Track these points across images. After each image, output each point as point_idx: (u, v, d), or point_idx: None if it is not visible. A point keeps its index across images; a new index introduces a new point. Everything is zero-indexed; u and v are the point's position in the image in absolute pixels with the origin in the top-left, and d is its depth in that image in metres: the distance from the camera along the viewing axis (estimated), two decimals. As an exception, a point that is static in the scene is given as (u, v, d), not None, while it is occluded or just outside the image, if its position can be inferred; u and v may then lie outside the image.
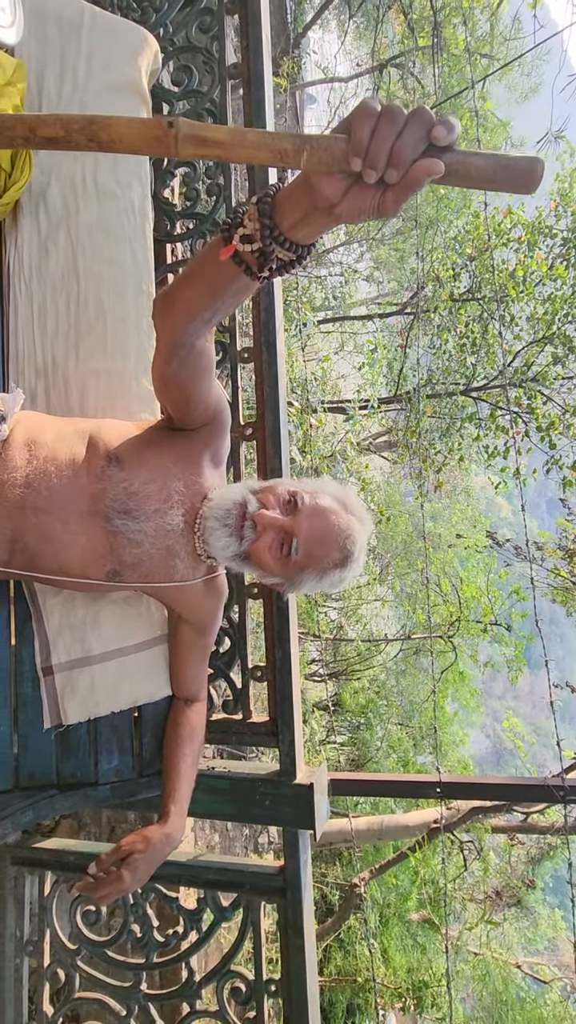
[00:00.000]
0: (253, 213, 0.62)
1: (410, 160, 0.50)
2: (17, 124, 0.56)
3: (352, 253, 8.25)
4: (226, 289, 0.71)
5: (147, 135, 0.55)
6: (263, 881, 1.36)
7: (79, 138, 0.55)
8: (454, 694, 7.86)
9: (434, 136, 0.49)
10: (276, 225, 0.61)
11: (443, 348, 5.76)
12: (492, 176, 0.50)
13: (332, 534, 0.92)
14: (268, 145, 0.53)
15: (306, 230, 0.61)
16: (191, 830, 2.79)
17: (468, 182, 0.52)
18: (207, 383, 0.93)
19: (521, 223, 5.15)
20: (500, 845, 5.99)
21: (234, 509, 0.95)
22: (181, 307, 0.77)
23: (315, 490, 0.97)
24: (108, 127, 0.55)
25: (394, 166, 0.50)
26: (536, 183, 0.50)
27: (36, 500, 0.93)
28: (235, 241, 0.63)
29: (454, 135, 0.49)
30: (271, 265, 0.64)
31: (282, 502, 0.95)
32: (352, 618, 7.21)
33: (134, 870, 0.95)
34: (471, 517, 8.82)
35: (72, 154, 1.21)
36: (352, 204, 0.55)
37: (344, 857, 6.43)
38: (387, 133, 0.49)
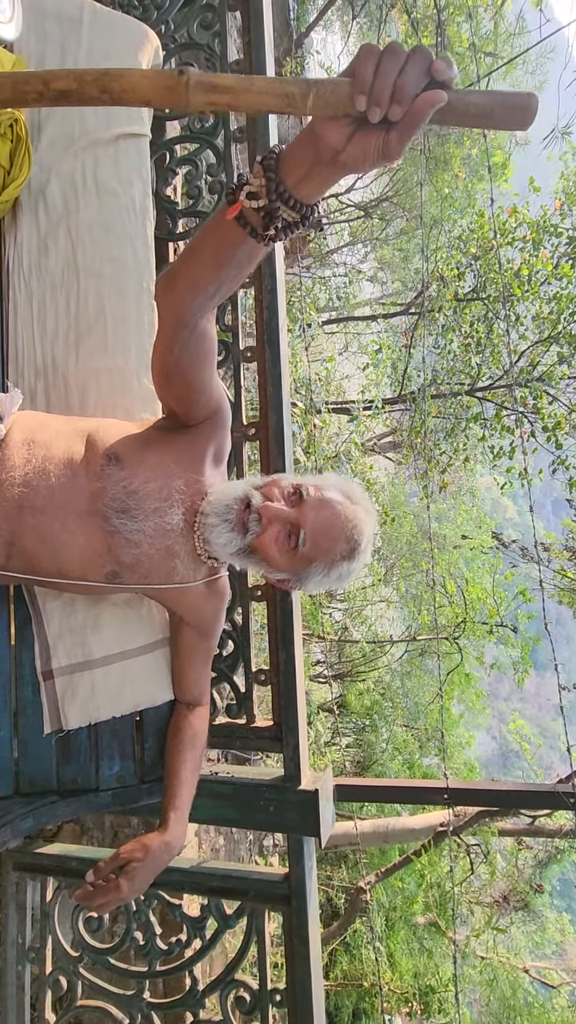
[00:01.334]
0: (259, 170, 0.62)
1: (413, 94, 0.51)
2: (31, 79, 0.56)
3: (356, 253, 8.23)
4: (231, 257, 0.70)
5: (158, 84, 0.55)
6: (267, 888, 1.34)
7: (91, 90, 0.55)
8: (460, 696, 7.82)
9: (435, 69, 0.50)
10: (282, 180, 0.61)
11: (448, 348, 5.73)
12: (490, 112, 0.52)
13: (339, 524, 0.91)
14: (275, 90, 0.53)
15: (311, 184, 0.61)
16: (195, 834, 2.77)
17: (466, 119, 0.53)
18: (209, 371, 0.91)
19: (526, 222, 5.12)
20: (507, 848, 5.95)
21: (234, 504, 0.93)
22: (185, 281, 0.76)
23: (319, 483, 0.96)
24: (120, 77, 0.55)
25: (398, 101, 0.51)
26: (531, 118, 0.52)
27: (34, 500, 0.91)
28: (241, 197, 0.63)
29: (453, 71, 0.51)
30: (276, 224, 0.63)
31: (286, 495, 0.94)
32: (357, 619, 7.18)
33: (132, 878, 0.93)
34: (476, 518, 8.77)
35: (72, 151, 1.19)
36: (357, 149, 0.55)
37: (349, 860, 6.40)
38: (390, 69, 0.50)
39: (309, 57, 7.21)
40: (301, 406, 3.53)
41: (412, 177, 6.16)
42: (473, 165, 5.96)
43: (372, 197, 6.88)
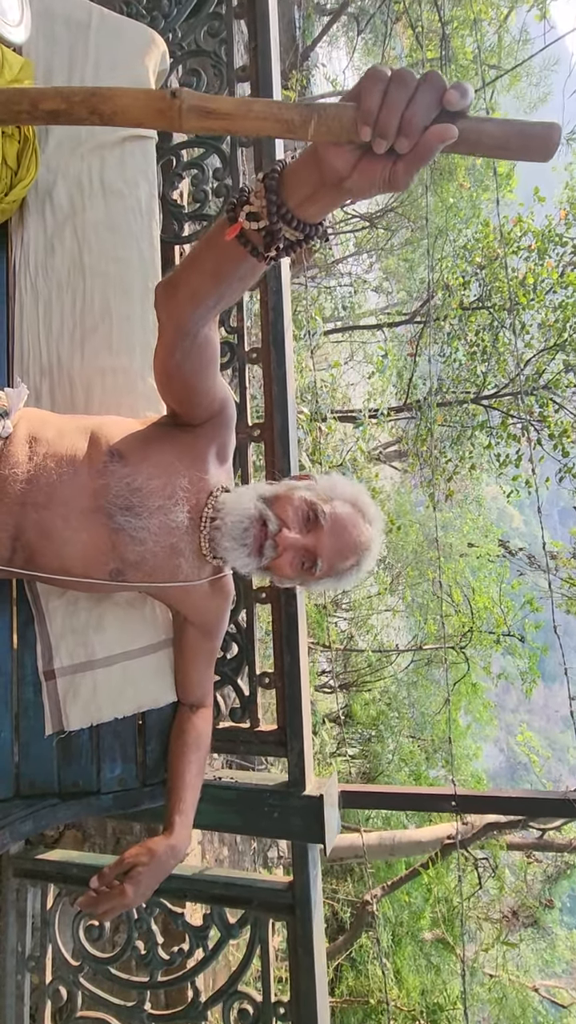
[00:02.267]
0: (259, 190, 0.59)
1: (422, 127, 0.47)
2: (21, 97, 0.55)
3: (361, 263, 8.29)
4: (232, 272, 0.69)
5: (150, 107, 0.53)
6: (271, 897, 1.31)
7: (81, 111, 0.54)
8: (467, 706, 7.73)
9: (447, 100, 0.46)
10: (283, 202, 0.59)
11: (453, 356, 5.73)
12: (506, 144, 0.48)
13: (352, 546, 0.93)
14: (274, 115, 0.51)
15: (314, 207, 0.59)
16: (198, 843, 2.74)
17: (481, 150, 0.49)
18: (211, 375, 0.91)
19: (531, 231, 5.13)
20: (516, 863, 5.84)
21: (252, 527, 0.92)
22: (185, 293, 0.75)
23: (330, 494, 0.94)
24: (110, 99, 0.53)
25: (405, 134, 0.47)
26: (552, 150, 0.48)
27: (37, 496, 0.90)
28: (241, 219, 0.61)
29: (467, 100, 0.47)
30: (278, 245, 0.61)
31: (301, 517, 0.92)
32: (363, 628, 7.13)
33: (137, 884, 0.91)
34: (482, 527, 8.73)
35: (79, 153, 1.20)
36: (362, 177, 0.52)
37: (355, 873, 6.31)
38: (398, 100, 0.47)
39: (315, 70, 7.31)
40: (307, 412, 3.53)
41: (417, 188, 6.21)
42: (478, 175, 6.00)
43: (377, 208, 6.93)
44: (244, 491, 0.97)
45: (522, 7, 5.01)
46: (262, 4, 1.51)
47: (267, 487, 0.98)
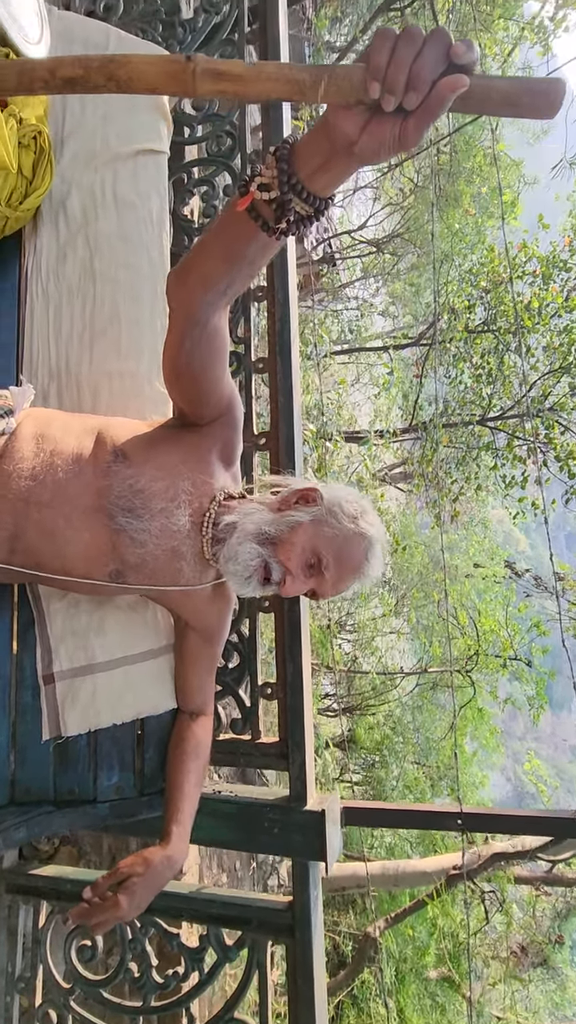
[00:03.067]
0: (271, 161, 0.60)
1: (430, 80, 0.48)
2: (37, 67, 0.55)
3: (368, 288, 8.42)
4: (242, 252, 0.69)
5: (165, 71, 0.53)
6: (270, 917, 1.26)
7: (98, 77, 0.54)
8: (473, 733, 7.57)
9: (453, 53, 0.47)
10: (294, 172, 0.59)
11: (459, 379, 5.77)
12: (515, 99, 0.49)
13: (354, 578, 0.95)
14: (285, 76, 0.51)
15: (325, 176, 0.59)
16: (196, 866, 2.66)
17: (489, 106, 0.50)
18: (220, 369, 0.91)
19: (536, 256, 5.21)
20: (524, 897, 5.65)
21: (255, 574, 0.92)
22: (196, 277, 0.75)
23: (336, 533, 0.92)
24: (126, 64, 0.54)
25: (414, 88, 0.48)
26: (557, 105, 0.49)
27: (40, 494, 0.90)
28: (252, 188, 0.62)
29: (474, 53, 0.47)
30: (288, 217, 0.62)
31: (305, 564, 0.92)
32: (367, 650, 7.05)
33: (132, 895, 0.88)
34: (488, 549, 8.67)
35: (93, 166, 1.23)
36: (372, 139, 0.53)
37: (358, 905, 6.12)
38: (406, 55, 0.47)
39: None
40: (313, 428, 3.55)
41: (423, 215, 6.34)
42: (483, 203, 6.12)
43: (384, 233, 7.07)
44: (247, 529, 0.93)
45: (525, 43, 5.18)
46: (273, 30, 1.56)
47: (271, 523, 0.94)
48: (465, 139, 5.65)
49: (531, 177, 6.18)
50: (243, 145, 1.54)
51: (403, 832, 6.60)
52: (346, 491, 1.00)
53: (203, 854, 3.47)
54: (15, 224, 1.16)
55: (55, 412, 1.04)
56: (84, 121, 1.22)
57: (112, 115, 1.23)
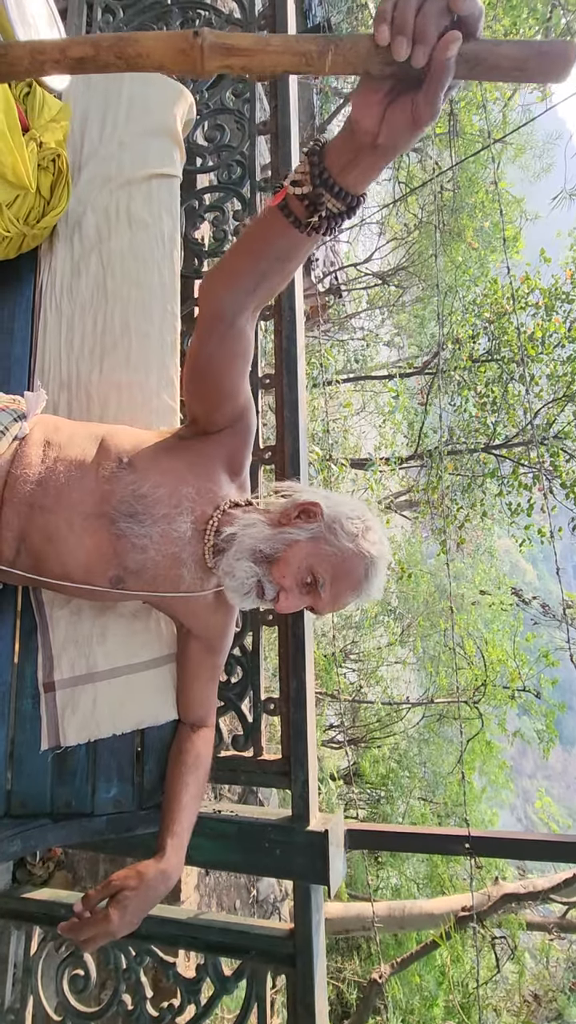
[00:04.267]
0: (303, 160, 0.64)
1: (434, 32, 0.48)
2: (47, 48, 0.56)
3: (374, 319, 8.59)
4: (272, 248, 0.72)
5: (173, 48, 0.54)
6: (271, 946, 1.21)
7: (107, 55, 0.55)
8: (482, 767, 7.36)
9: (453, 4, 0.48)
10: (325, 168, 0.62)
11: (463, 407, 5.83)
12: (523, 63, 0.49)
13: (354, 593, 0.93)
14: (293, 48, 0.53)
15: (355, 172, 0.62)
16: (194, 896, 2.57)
17: (498, 72, 0.50)
18: (239, 374, 0.92)
19: (538, 288, 5.32)
20: (536, 945, 5.39)
21: (252, 592, 0.93)
22: (226, 273, 0.79)
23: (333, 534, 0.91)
24: (135, 42, 0.55)
25: (420, 40, 0.49)
26: (569, 67, 0.48)
27: (44, 498, 0.91)
28: (286, 184, 0.65)
29: (476, 4, 0.48)
30: (320, 213, 0.64)
31: (301, 581, 0.91)
32: (372, 679, 6.93)
33: (123, 909, 0.85)
34: (495, 578, 8.59)
35: (108, 188, 1.28)
36: (391, 127, 0.56)
37: (363, 950, 5.87)
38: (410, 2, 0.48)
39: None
40: (319, 451, 3.58)
41: (427, 248, 6.51)
42: (486, 236, 6.29)
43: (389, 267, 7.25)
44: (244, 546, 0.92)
45: (524, 91, 5.40)
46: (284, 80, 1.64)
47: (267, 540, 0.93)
48: (468, 176, 5.84)
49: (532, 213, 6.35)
50: (252, 173, 1.60)
51: (409, 872, 6.36)
52: (350, 505, 0.97)
53: (202, 892, 3.35)
54: (32, 242, 1.21)
55: (63, 420, 1.05)
56: (101, 146, 1.27)
57: (128, 142, 1.29)
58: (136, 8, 1.73)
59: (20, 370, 1.21)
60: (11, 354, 1.20)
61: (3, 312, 1.22)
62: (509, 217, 6.05)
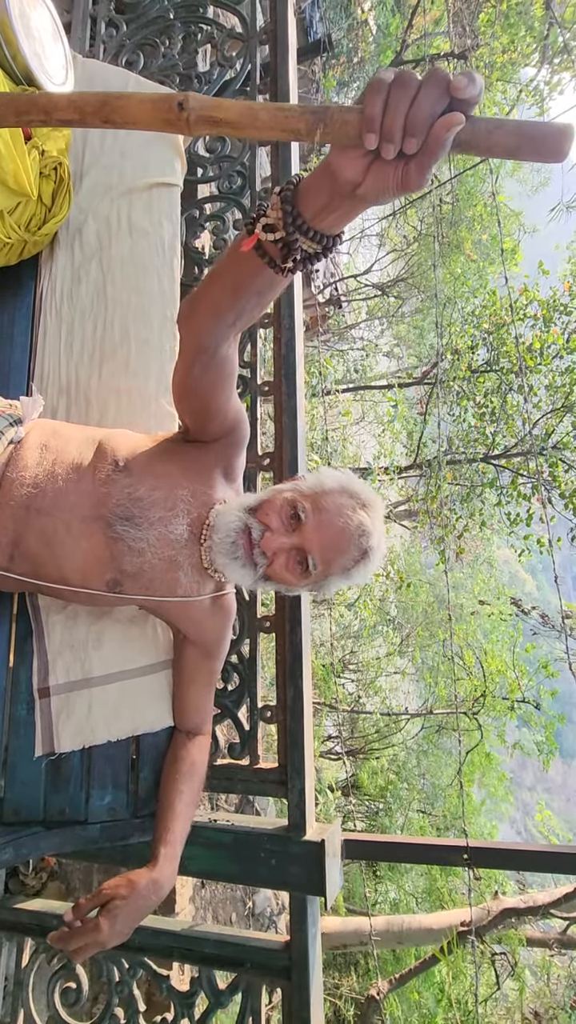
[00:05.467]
0: (275, 202, 0.60)
1: (428, 124, 0.46)
2: (32, 108, 0.56)
3: (373, 329, 8.65)
4: (250, 285, 0.70)
5: (159, 117, 0.53)
6: (266, 959, 1.19)
7: (94, 121, 0.55)
8: (481, 780, 7.30)
9: (454, 88, 0.45)
10: (299, 213, 0.59)
11: (462, 417, 5.86)
12: (519, 147, 0.47)
13: (346, 537, 0.88)
14: (280, 124, 0.51)
15: (330, 217, 0.59)
16: (190, 908, 2.53)
17: (494, 152, 0.49)
18: (227, 393, 0.92)
19: (536, 300, 5.36)
20: (536, 962, 5.32)
21: (239, 539, 0.91)
22: (205, 308, 0.76)
23: (314, 490, 0.91)
24: (121, 109, 0.54)
25: (411, 134, 0.47)
26: (565, 152, 0.47)
27: (41, 502, 0.91)
28: (257, 230, 0.62)
29: (476, 87, 0.45)
30: (295, 256, 0.62)
31: (285, 517, 0.90)
32: (370, 689, 6.89)
33: (113, 919, 0.83)
34: (494, 588, 8.57)
35: (109, 197, 1.30)
36: (375, 182, 0.52)
37: (361, 966, 5.78)
38: (400, 103, 0.46)
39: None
40: (317, 459, 3.58)
41: (427, 260, 6.57)
42: (484, 249, 6.35)
43: (389, 278, 7.31)
44: (231, 503, 0.96)
45: (523, 105, 5.48)
46: (283, 86, 1.66)
47: (252, 497, 0.96)
48: (467, 189, 5.91)
49: (530, 227, 6.42)
50: (253, 183, 1.61)
51: (408, 886, 6.28)
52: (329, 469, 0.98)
53: (197, 904, 3.31)
54: (33, 248, 1.22)
55: (61, 424, 1.05)
56: (103, 155, 1.29)
57: (129, 151, 1.30)
58: (139, 23, 1.76)
59: (19, 375, 1.21)
60: (11, 359, 1.20)
61: (3, 317, 1.23)
62: (507, 230, 6.11)
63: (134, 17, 1.78)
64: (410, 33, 5.40)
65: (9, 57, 1.07)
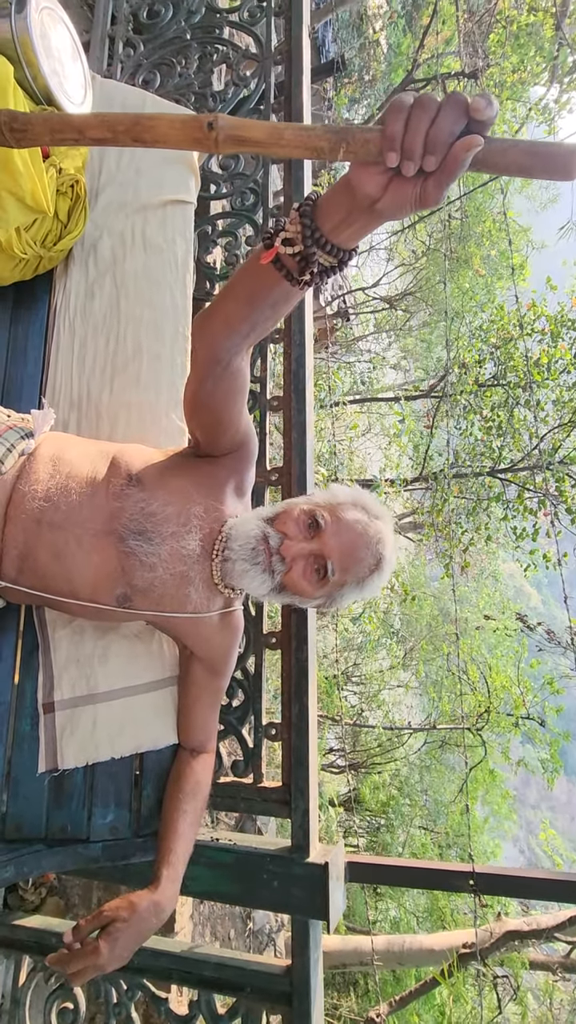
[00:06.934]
0: (294, 217, 0.62)
1: (447, 143, 0.49)
2: (65, 127, 0.59)
3: (381, 342, 8.69)
4: (265, 297, 0.71)
5: (188, 136, 0.56)
6: (267, 983, 1.17)
7: (124, 139, 0.57)
8: (484, 797, 7.21)
9: (473, 108, 0.47)
10: (317, 227, 0.61)
11: (469, 430, 5.85)
12: (532, 166, 0.50)
13: (362, 543, 0.90)
14: (305, 143, 0.53)
15: (348, 231, 0.60)
16: (189, 927, 2.50)
17: (508, 171, 0.51)
18: (238, 406, 0.92)
19: (544, 315, 5.37)
20: (539, 985, 5.21)
21: (259, 546, 0.92)
22: (220, 319, 0.78)
23: (329, 502, 0.94)
24: (151, 128, 0.56)
25: (431, 152, 0.49)
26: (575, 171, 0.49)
27: (53, 515, 0.91)
28: (277, 243, 0.63)
29: (493, 109, 0.48)
30: (312, 269, 0.63)
31: (302, 526, 0.92)
32: (374, 703, 6.83)
33: (113, 942, 0.82)
34: (499, 603, 8.51)
35: (124, 213, 1.31)
36: (394, 198, 0.54)
37: (360, 986, 5.68)
38: (421, 122, 0.48)
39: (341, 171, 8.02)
40: (324, 472, 3.59)
41: (435, 275, 6.61)
42: (492, 264, 6.39)
43: (397, 292, 7.35)
44: (247, 515, 0.98)
45: (532, 123, 5.54)
46: (297, 104, 1.68)
47: (268, 508, 0.99)
48: (476, 205, 5.96)
49: (539, 243, 6.45)
50: (265, 201, 1.63)
51: (409, 904, 6.19)
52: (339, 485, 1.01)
53: (197, 920, 3.27)
54: (48, 264, 1.23)
55: (73, 437, 1.06)
56: (119, 173, 1.30)
57: (145, 169, 1.32)
58: (156, 43, 1.79)
59: (31, 388, 1.22)
60: (23, 373, 1.21)
61: (17, 331, 1.24)
62: (516, 246, 6.15)
63: (151, 37, 1.81)
64: (421, 53, 5.47)
65: (30, 79, 1.09)
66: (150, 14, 1.85)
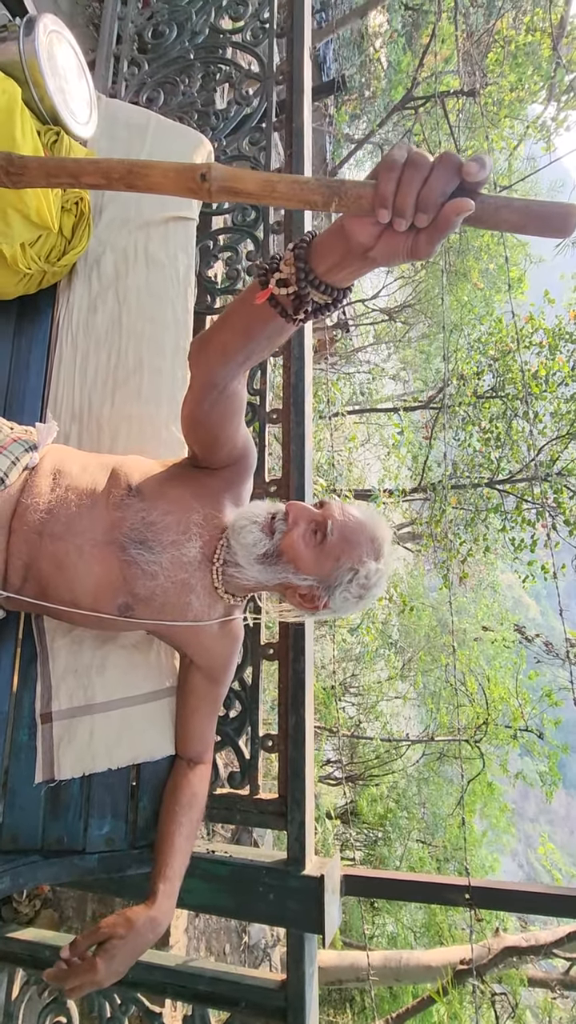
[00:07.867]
0: (289, 258, 0.63)
1: (438, 203, 0.49)
2: (61, 172, 0.60)
3: (380, 353, 8.75)
4: (261, 331, 0.73)
5: (182, 186, 0.57)
6: (261, 998, 1.17)
7: (119, 185, 0.58)
8: (483, 810, 7.16)
9: (466, 171, 0.48)
10: (311, 269, 0.62)
11: (467, 442, 5.89)
12: (526, 225, 0.50)
13: (362, 525, 0.93)
14: (297, 196, 0.54)
15: (341, 273, 0.62)
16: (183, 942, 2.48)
17: (502, 228, 0.52)
18: (235, 426, 0.94)
19: (542, 328, 5.42)
20: (537, 1003, 5.15)
21: (263, 515, 0.95)
22: (216, 348, 0.79)
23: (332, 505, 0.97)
24: (145, 177, 0.57)
25: (422, 211, 0.50)
26: (570, 230, 0.49)
27: (55, 527, 0.92)
28: (271, 285, 0.65)
29: (485, 172, 0.48)
30: (306, 308, 0.65)
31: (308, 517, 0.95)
32: (371, 714, 6.80)
33: (110, 958, 0.82)
34: (498, 614, 8.50)
35: (127, 229, 1.33)
36: (386, 248, 0.55)
37: (356, 1003, 5.61)
38: (413, 182, 0.49)
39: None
40: (323, 482, 3.60)
41: (434, 287, 6.67)
42: (491, 277, 6.45)
43: (396, 304, 7.41)
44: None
45: (530, 140, 5.63)
46: (298, 122, 1.72)
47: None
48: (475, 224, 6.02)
49: (536, 257, 6.52)
50: (266, 216, 1.66)
51: (406, 919, 6.12)
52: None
53: (191, 934, 3.23)
54: (51, 278, 1.25)
55: (74, 450, 1.07)
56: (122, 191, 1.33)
57: (148, 186, 1.34)
58: (160, 62, 1.83)
59: (34, 401, 1.24)
60: (26, 385, 1.23)
61: (21, 344, 1.25)
62: (514, 260, 6.21)
63: (155, 57, 1.85)
64: (421, 71, 5.57)
65: (37, 99, 1.11)
66: (155, 34, 1.89)
